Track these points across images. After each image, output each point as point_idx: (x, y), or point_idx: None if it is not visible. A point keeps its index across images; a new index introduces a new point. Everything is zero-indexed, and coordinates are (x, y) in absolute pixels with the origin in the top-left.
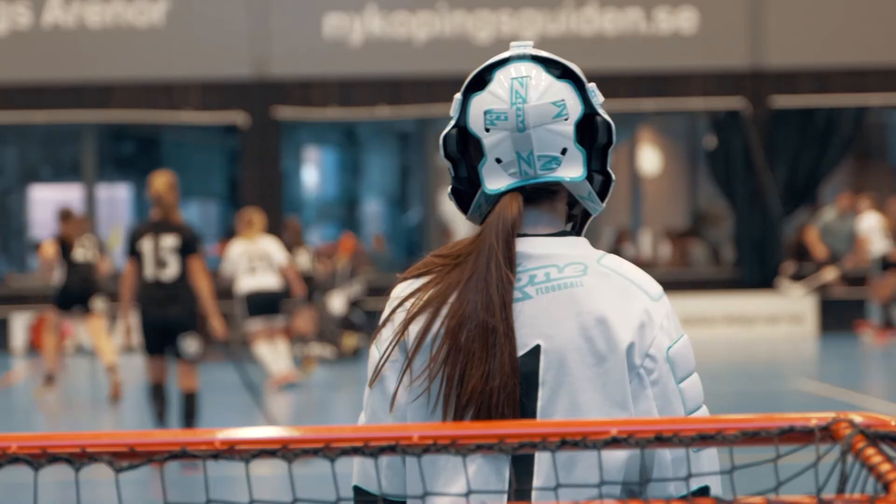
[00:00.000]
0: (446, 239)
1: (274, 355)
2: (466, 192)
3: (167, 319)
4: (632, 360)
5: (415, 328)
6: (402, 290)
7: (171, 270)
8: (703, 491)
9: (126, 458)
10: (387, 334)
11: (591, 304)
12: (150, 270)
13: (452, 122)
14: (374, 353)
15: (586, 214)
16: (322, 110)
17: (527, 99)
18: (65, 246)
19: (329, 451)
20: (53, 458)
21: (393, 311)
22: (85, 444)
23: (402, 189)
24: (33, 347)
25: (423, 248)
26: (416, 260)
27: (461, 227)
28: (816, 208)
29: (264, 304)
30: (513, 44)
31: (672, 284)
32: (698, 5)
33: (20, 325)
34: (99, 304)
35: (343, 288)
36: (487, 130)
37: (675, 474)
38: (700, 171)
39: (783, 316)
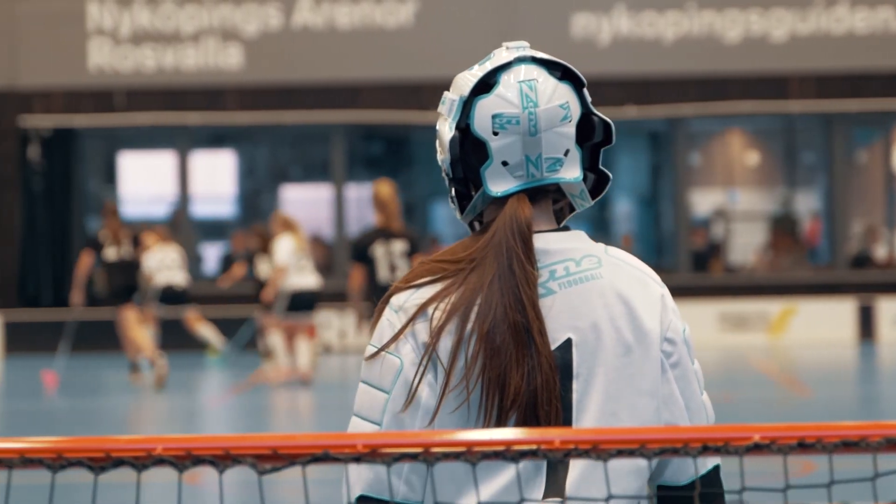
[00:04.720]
0: (695, 237)
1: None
2: (462, 194)
3: None
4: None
5: (446, 339)
6: (404, 298)
7: (403, 273)
8: (717, 468)
9: (269, 460)
10: (409, 346)
11: (615, 295)
12: (384, 275)
13: (453, 125)
14: (393, 360)
15: (570, 209)
16: None
17: (538, 103)
18: (97, 247)
19: (427, 455)
20: (198, 461)
21: (411, 320)
22: (229, 447)
23: (653, 188)
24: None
25: (673, 247)
26: (667, 259)
27: (714, 225)
28: None
29: (307, 301)
30: (508, 45)
31: None
32: None
33: None
34: (136, 297)
35: None
36: (496, 134)
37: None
38: None
39: None
